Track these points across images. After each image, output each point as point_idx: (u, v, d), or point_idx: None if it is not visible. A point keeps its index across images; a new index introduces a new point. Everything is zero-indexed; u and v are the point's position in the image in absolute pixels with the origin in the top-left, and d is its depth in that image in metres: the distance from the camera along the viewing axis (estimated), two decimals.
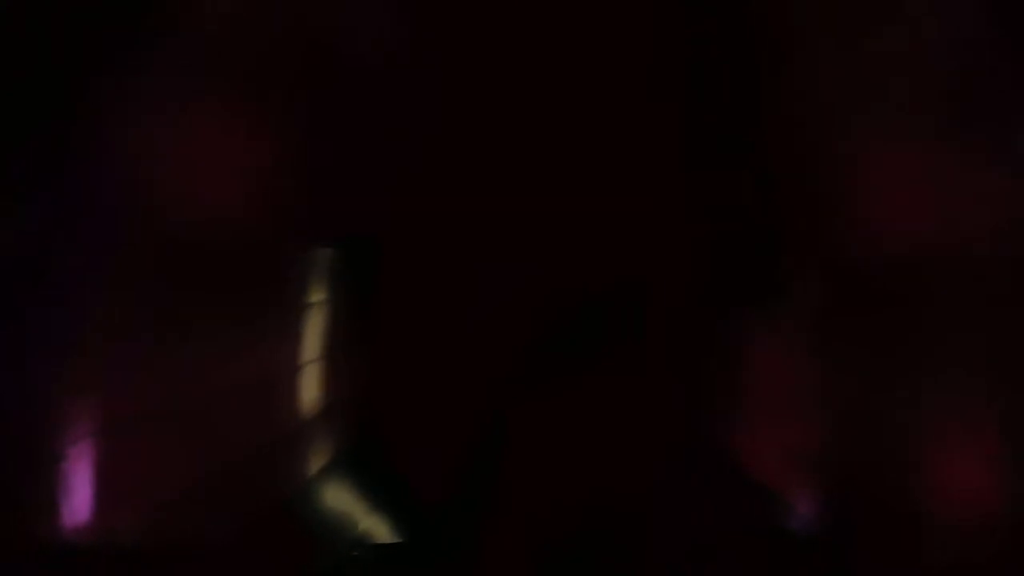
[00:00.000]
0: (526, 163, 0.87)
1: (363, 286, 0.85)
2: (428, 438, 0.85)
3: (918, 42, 0.83)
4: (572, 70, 0.87)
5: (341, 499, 0.83)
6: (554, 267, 0.87)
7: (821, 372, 0.82)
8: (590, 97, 0.87)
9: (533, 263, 0.86)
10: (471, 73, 0.86)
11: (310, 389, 0.82)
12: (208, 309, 0.79)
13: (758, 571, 0.82)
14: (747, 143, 0.85)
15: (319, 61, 0.82)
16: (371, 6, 0.84)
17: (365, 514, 0.84)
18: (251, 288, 0.80)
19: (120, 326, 0.78)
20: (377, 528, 0.84)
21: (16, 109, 0.81)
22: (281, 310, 0.81)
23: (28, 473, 0.77)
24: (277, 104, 0.81)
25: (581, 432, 0.86)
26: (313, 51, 0.82)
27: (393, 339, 0.85)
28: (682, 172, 0.86)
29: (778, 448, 0.83)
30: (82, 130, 0.80)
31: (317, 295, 0.82)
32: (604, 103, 0.87)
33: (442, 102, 0.86)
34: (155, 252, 0.79)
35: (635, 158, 0.87)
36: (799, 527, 0.82)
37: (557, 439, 0.86)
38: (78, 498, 0.77)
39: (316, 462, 0.82)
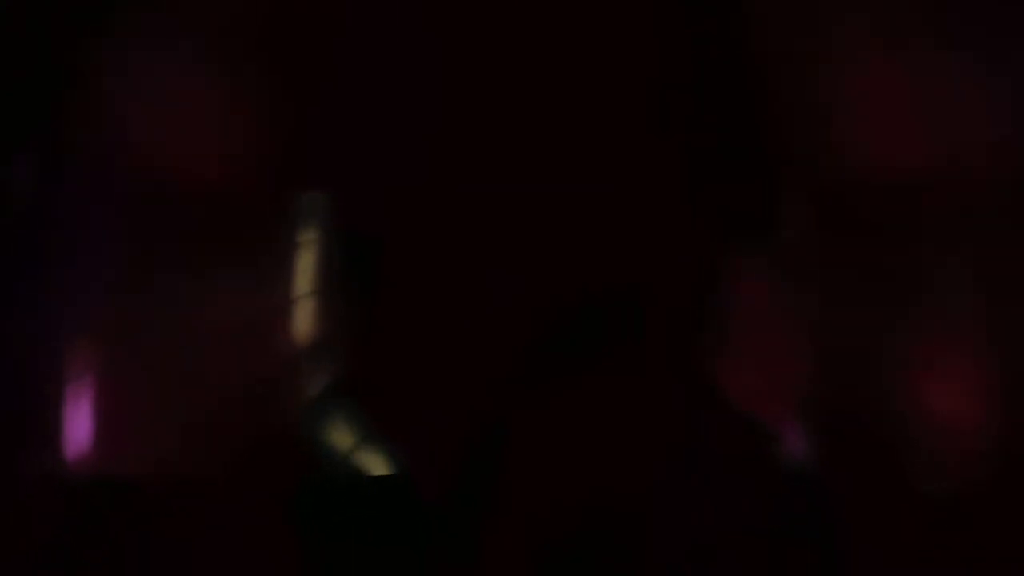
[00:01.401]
0: (524, 155, 0.87)
1: (364, 283, 0.87)
2: (428, 437, 0.86)
3: None
4: (562, 54, 0.87)
5: (335, 432, 0.85)
6: (556, 266, 0.87)
7: (809, 302, 0.82)
8: (585, 85, 0.87)
9: (536, 261, 0.87)
10: (466, 53, 0.87)
11: (301, 326, 0.83)
12: (200, 252, 0.81)
13: (758, 572, 0.82)
14: (733, 72, 0.84)
15: (298, 12, 0.84)
16: None
17: (358, 446, 0.85)
18: (241, 231, 0.82)
19: (116, 270, 0.81)
20: (370, 460, 0.86)
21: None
22: (271, 252, 0.83)
23: (30, 409, 0.81)
24: (261, 54, 0.83)
25: (582, 432, 0.86)
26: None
27: (392, 338, 0.85)
28: (686, 175, 0.86)
29: (767, 380, 0.83)
30: (71, 86, 0.82)
31: (306, 237, 0.84)
32: (600, 91, 0.87)
33: (438, 74, 0.86)
34: (148, 201, 0.81)
35: (637, 153, 0.87)
36: (788, 461, 0.82)
37: (558, 439, 0.86)
38: (79, 434, 0.80)
39: (309, 395, 0.84)
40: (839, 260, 0.81)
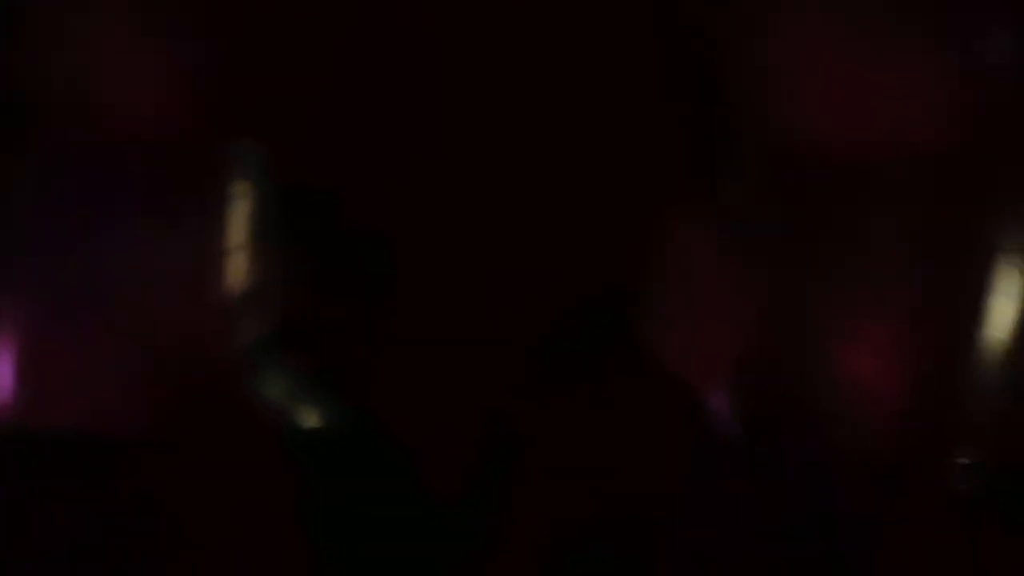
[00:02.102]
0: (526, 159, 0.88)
1: (378, 286, 0.88)
2: (439, 441, 0.86)
3: None
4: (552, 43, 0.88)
5: (271, 380, 0.85)
6: (564, 268, 0.88)
7: (744, 268, 0.82)
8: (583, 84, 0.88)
9: (545, 263, 0.87)
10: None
11: (236, 276, 0.83)
12: (132, 203, 0.81)
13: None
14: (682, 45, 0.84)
15: None
16: None
17: (292, 395, 0.85)
18: (174, 182, 0.82)
19: (47, 221, 0.80)
20: (308, 413, 0.85)
21: None
22: (206, 203, 0.83)
23: None
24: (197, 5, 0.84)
25: (592, 436, 0.85)
26: None
27: (404, 341, 0.87)
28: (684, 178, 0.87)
29: (701, 345, 0.82)
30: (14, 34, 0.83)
31: (241, 186, 0.84)
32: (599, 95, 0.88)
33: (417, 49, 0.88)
34: (79, 152, 0.81)
35: (639, 155, 0.87)
36: (722, 427, 0.82)
37: (567, 442, 0.86)
38: (9, 387, 0.80)
39: (244, 343, 0.83)
40: (776, 229, 0.81)
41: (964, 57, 0.81)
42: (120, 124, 0.81)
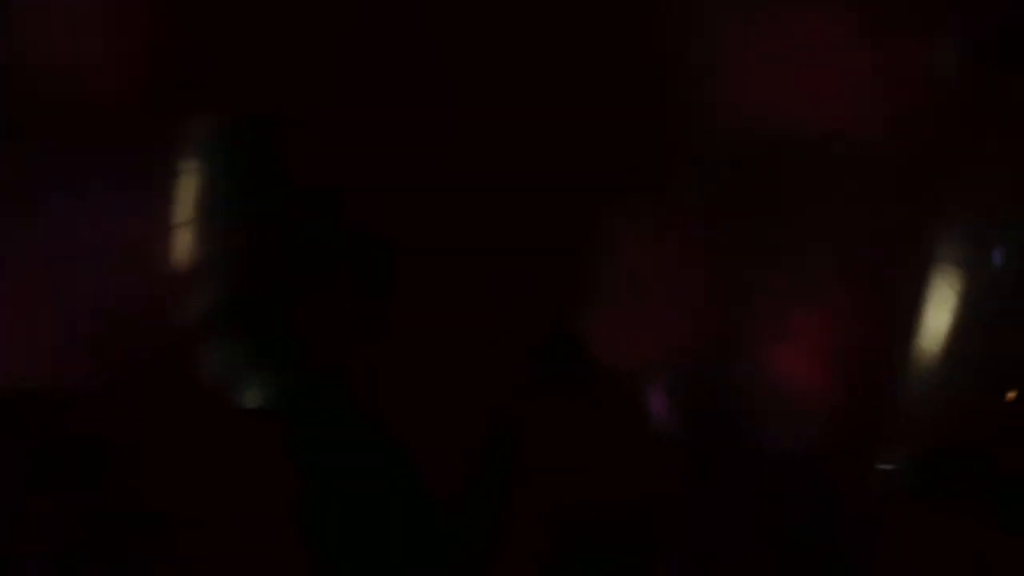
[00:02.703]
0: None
1: (376, 285, 0.87)
2: (440, 439, 0.86)
3: None
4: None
5: (217, 353, 0.84)
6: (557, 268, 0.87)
7: (681, 265, 0.83)
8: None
9: (545, 264, 0.87)
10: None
11: (185, 248, 0.83)
12: (84, 173, 0.81)
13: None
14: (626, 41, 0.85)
15: None
16: None
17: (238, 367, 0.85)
18: (127, 153, 0.82)
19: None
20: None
21: None
22: (157, 175, 0.83)
23: None
24: None
25: (592, 434, 0.85)
26: None
27: (404, 340, 0.86)
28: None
29: (636, 338, 0.82)
30: None
31: (196, 160, 0.84)
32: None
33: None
34: (32, 118, 0.81)
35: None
36: (658, 420, 0.83)
37: (568, 441, 0.86)
38: None
39: (196, 312, 0.83)
40: (715, 226, 0.82)
41: (904, 55, 0.82)
42: (73, 97, 0.81)
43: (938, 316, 0.83)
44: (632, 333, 0.85)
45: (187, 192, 0.84)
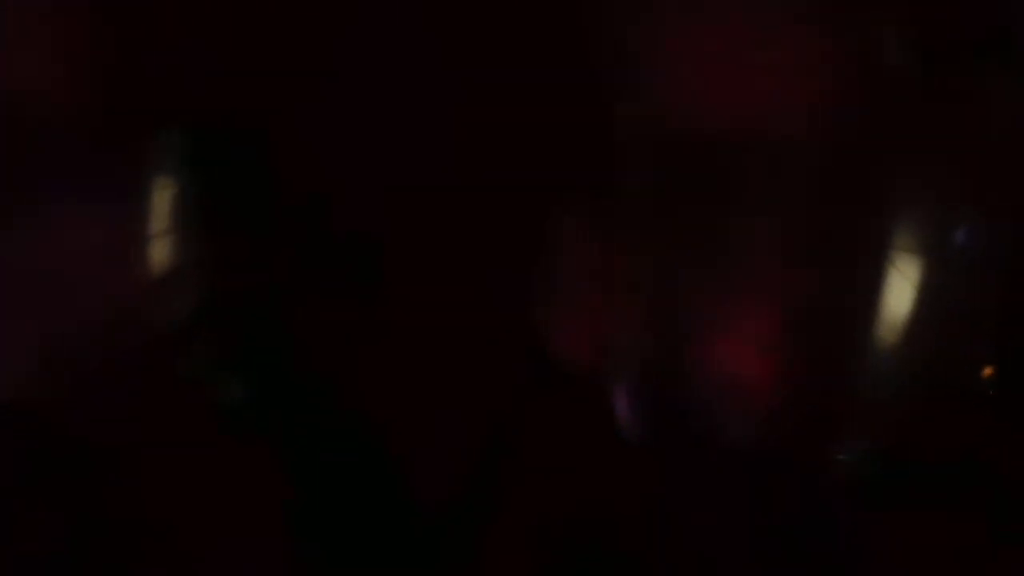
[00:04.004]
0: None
1: (366, 288, 0.86)
2: (430, 441, 0.85)
3: None
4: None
5: (211, 354, 0.84)
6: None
7: (629, 259, 0.85)
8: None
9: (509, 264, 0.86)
10: None
11: (160, 255, 0.83)
12: (59, 184, 0.80)
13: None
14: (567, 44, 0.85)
15: None
16: None
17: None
18: (101, 164, 0.82)
19: None
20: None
21: None
22: (132, 185, 0.83)
23: None
24: None
25: (585, 437, 0.86)
26: None
27: (397, 343, 0.85)
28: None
29: (587, 335, 0.84)
30: None
31: (170, 172, 0.83)
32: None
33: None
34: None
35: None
36: (621, 420, 0.84)
37: (561, 443, 0.86)
38: None
39: (185, 317, 0.82)
40: (663, 222, 0.84)
41: (850, 52, 0.83)
42: (47, 109, 0.81)
43: (889, 310, 0.84)
44: (584, 331, 0.86)
45: (174, 197, 0.82)
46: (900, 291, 0.84)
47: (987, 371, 0.89)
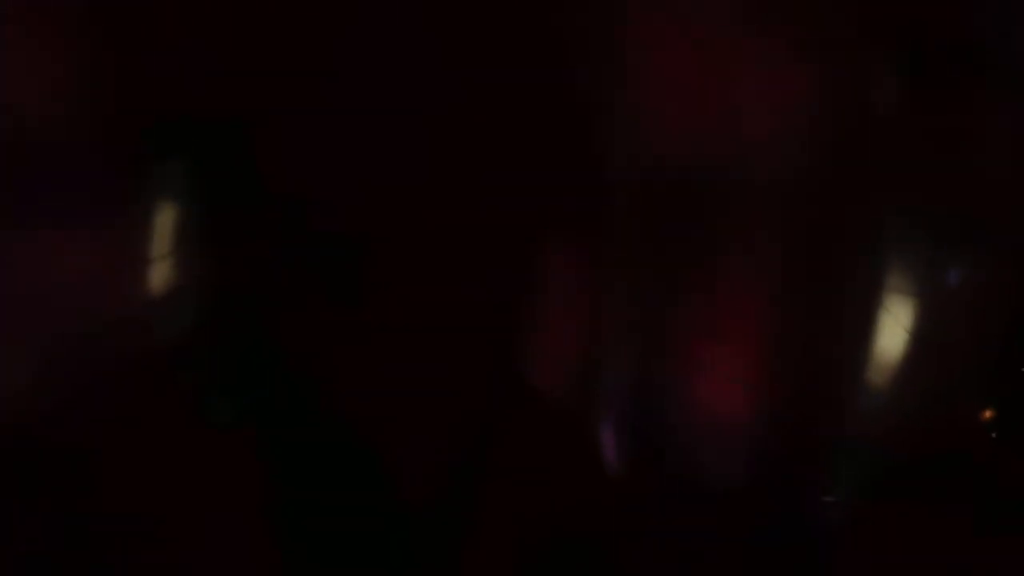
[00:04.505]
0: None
1: (347, 289, 0.87)
2: (412, 443, 0.86)
3: None
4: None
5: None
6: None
7: (603, 288, 0.84)
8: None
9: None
10: None
11: (156, 275, 0.84)
12: (51, 204, 0.81)
13: None
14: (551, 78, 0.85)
15: None
16: None
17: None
18: (94, 184, 0.83)
19: None
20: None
21: None
22: (124, 206, 0.84)
23: None
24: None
25: (566, 437, 0.86)
26: None
27: (380, 343, 0.86)
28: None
29: (563, 363, 0.83)
30: None
31: (163, 192, 0.84)
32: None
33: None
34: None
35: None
36: (596, 447, 0.84)
37: (542, 444, 0.86)
38: None
39: (168, 321, 0.83)
40: (646, 255, 0.83)
41: (826, 77, 0.82)
42: (43, 131, 0.81)
43: (874, 347, 0.83)
44: (562, 363, 0.86)
45: (158, 200, 0.83)
46: (886, 328, 0.83)
47: (987, 414, 0.87)
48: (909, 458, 0.85)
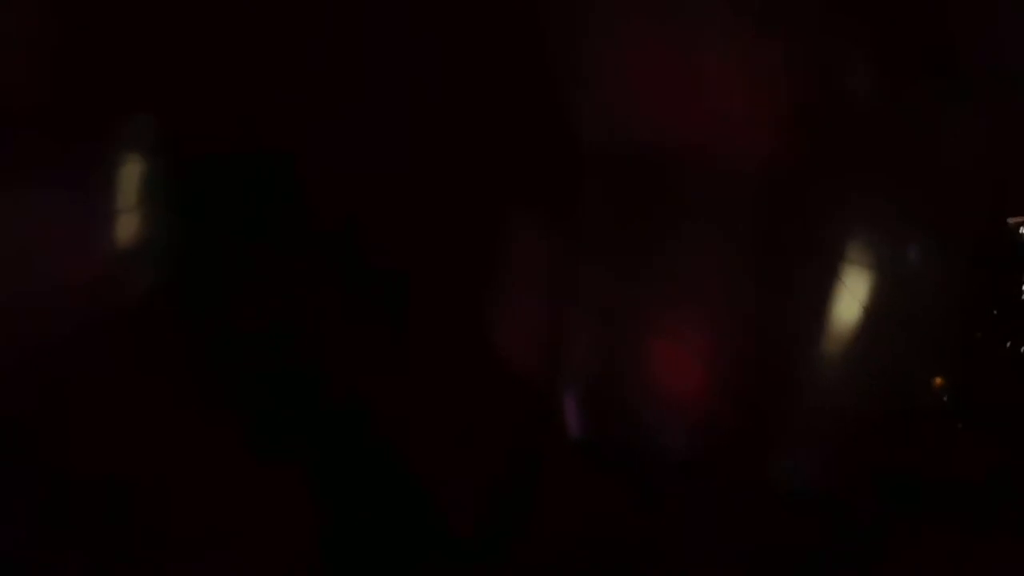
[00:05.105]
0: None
1: (394, 316, 0.87)
2: (458, 468, 0.86)
3: None
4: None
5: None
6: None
7: (574, 270, 0.85)
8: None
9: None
10: None
11: (124, 236, 0.84)
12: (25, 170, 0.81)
13: None
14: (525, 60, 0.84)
15: None
16: None
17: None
18: (66, 150, 0.82)
19: None
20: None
21: None
22: (97, 169, 0.83)
23: None
24: None
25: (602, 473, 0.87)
26: None
27: (425, 374, 0.86)
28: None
29: (535, 345, 0.84)
30: None
31: (130, 156, 0.84)
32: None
33: None
34: None
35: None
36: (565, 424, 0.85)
37: (584, 474, 0.86)
38: None
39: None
40: (612, 236, 0.84)
41: (804, 69, 0.83)
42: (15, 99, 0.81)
43: (836, 323, 0.85)
44: (533, 339, 0.86)
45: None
46: (848, 304, 0.84)
47: (937, 381, 0.89)
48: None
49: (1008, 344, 0.88)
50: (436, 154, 0.85)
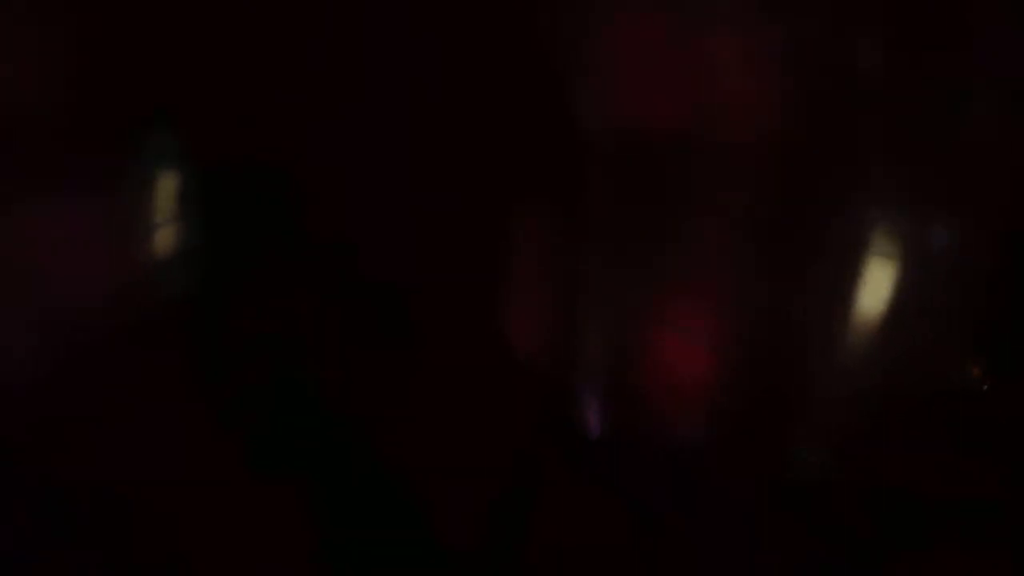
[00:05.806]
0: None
1: (394, 337, 0.87)
2: (459, 484, 0.86)
3: None
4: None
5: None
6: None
7: (574, 257, 0.84)
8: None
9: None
10: None
11: (146, 244, 0.85)
12: (48, 177, 0.82)
13: None
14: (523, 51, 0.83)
15: None
16: None
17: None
18: (90, 159, 0.83)
19: None
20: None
21: None
22: (122, 178, 0.84)
23: None
24: None
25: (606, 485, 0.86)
26: None
27: (425, 387, 0.86)
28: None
29: (536, 331, 0.84)
30: None
31: (155, 164, 0.85)
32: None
33: None
34: None
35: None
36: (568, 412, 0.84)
37: (586, 492, 0.85)
38: None
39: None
40: (613, 221, 0.82)
41: (809, 52, 0.81)
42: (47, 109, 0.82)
43: (845, 312, 0.83)
44: (541, 331, 0.85)
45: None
46: (857, 293, 0.82)
47: (975, 370, 0.86)
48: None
49: None
50: (440, 148, 0.85)
